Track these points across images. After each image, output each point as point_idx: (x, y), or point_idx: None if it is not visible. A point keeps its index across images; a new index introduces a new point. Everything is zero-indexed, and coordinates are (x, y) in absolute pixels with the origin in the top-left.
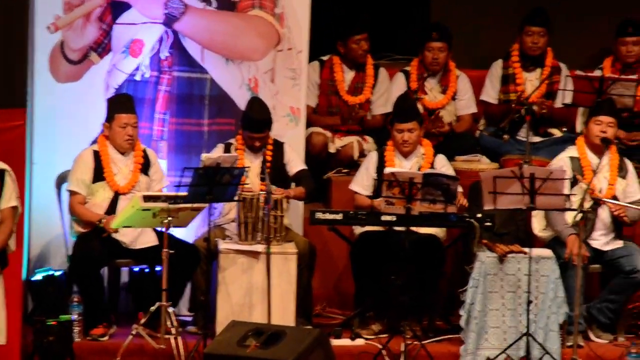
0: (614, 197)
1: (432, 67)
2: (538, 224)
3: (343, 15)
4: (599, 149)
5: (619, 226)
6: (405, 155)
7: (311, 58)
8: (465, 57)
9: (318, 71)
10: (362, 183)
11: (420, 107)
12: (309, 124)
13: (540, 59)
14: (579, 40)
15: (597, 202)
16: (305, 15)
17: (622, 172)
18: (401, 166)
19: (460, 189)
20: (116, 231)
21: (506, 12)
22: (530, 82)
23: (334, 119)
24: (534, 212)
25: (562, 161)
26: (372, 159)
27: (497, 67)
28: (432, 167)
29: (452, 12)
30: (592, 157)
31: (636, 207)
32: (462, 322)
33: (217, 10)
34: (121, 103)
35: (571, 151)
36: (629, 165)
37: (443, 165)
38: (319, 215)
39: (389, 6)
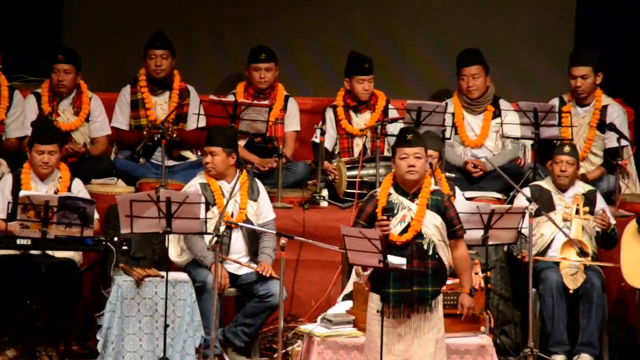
0: (247, 220)
1: (58, 89)
2: (174, 250)
3: None
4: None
5: (254, 251)
6: (43, 178)
7: None
8: (97, 79)
9: None
10: None
11: None
12: None
13: (168, 82)
14: (213, 65)
15: (230, 227)
16: None
17: (253, 194)
18: (37, 190)
19: (96, 216)
20: None
21: (136, 36)
22: (160, 105)
23: None
24: (170, 238)
25: (194, 187)
26: (7, 181)
27: (125, 93)
28: (69, 190)
29: (84, 35)
30: (222, 183)
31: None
32: (99, 347)
33: None
34: None
35: (200, 178)
36: (260, 186)
37: (80, 190)
38: None
39: (21, 27)
